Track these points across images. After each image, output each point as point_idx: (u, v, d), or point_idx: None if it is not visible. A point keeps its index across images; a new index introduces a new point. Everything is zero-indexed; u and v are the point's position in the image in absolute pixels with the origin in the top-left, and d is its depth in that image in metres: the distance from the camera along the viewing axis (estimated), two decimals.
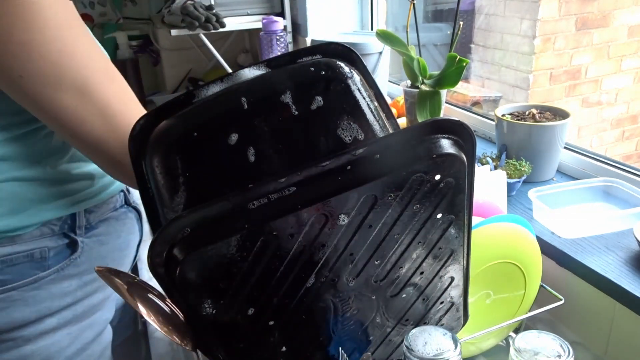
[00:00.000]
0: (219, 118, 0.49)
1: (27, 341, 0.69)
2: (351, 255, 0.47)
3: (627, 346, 0.73)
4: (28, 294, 0.68)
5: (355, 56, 0.55)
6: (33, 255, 0.67)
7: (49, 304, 0.70)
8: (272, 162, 0.47)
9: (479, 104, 2.12)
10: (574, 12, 2.09)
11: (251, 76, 0.53)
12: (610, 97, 2.31)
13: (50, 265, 0.69)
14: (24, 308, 0.68)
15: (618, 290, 0.69)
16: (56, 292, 0.70)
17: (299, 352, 0.53)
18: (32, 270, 0.67)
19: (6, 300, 0.66)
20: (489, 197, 0.76)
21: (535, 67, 2.12)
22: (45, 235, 0.68)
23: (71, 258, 0.71)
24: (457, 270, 0.55)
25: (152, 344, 0.80)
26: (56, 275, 0.70)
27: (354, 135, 0.48)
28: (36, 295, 0.68)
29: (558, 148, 0.96)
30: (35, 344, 0.70)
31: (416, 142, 0.43)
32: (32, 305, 0.68)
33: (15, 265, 0.66)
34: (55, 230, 0.69)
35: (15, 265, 0.66)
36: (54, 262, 0.69)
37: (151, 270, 0.43)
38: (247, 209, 0.41)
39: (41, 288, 0.69)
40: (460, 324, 0.63)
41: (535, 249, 0.71)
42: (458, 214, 0.49)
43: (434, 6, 2.39)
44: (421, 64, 0.97)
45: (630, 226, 0.79)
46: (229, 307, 0.46)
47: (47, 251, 0.68)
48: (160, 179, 0.50)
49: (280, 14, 1.83)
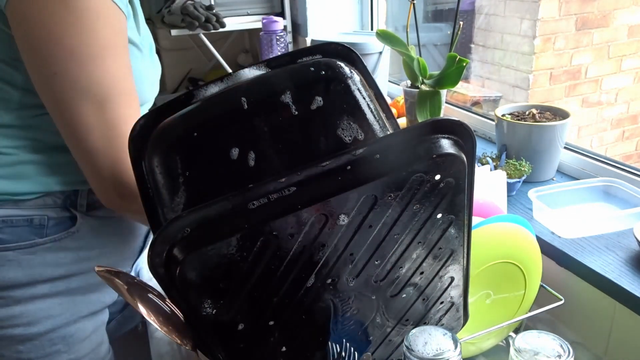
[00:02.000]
0: (219, 118, 0.49)
1: (16, 302, 0.72)
2: (351, 255, 0.47)
3: (627, 346, 0.73)
4: (22, 257, 0.71)
5: (355, 56, 0.55)
6: (32, 220, 0.71)
7: (42, 271, 0.73)
8: (272, 162, 0.47)
9: (479, 104, 2.12)
10: (574, 12, 2.09)
11: (251, 76, 0.53)
12: (610, 97, 2.31)
13: (48, 233, 0.72)
14: (17, 269, 0.71)
15: (618, 290, 0.69)
16: (50, 261, 0.73)
17: (299, 352, 0.53)
18: (30, 235, 0.71)
19: (2, 258, 0.70)
20: (489, 197, 0.76)
21: (535, 67, 2.12)
22: (48, 205, 0.72)
23: (69, 231, 0.74)
24: (457, 270, 0.55)
25: (152, 344, 0.80)
26: (52, 245, 0.73)
27: (354, 135, 0.48)
28: (30, 260, 0.71)
29: (558, 148, 0.96)
30: (24, 305, 0.73)
31: (416, 142, 0.43)
32: (26, 268, 0.71)
33: (15, 227, 0.70)
34: (58, 203, 0.73)
35: (14, 227, 0.70)
36: (52, 231, 0.72)
37: (151, 270, 0.43)
38: (247, 209, 0.41)
39: (36, 254, 0.72)
40: (460, 324, 0.63)
41: (535, 249, 0.71)
42: (458, 214, 0.49)
43: (434, 6, 2.39)
44: (421, 64, 0.97)
45: (630, 226, 0.79)
46: (229, 307, 0.46)
47: (47, 220, 0.72)
48: (160, 179, 0.50)
49: (280, 14, 1.83)
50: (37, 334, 0.74)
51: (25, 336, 0.74)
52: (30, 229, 0.71)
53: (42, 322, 0.74)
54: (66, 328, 0.77)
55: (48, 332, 0.75)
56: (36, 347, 0.75)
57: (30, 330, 0.74)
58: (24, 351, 0.74)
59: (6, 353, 0.74)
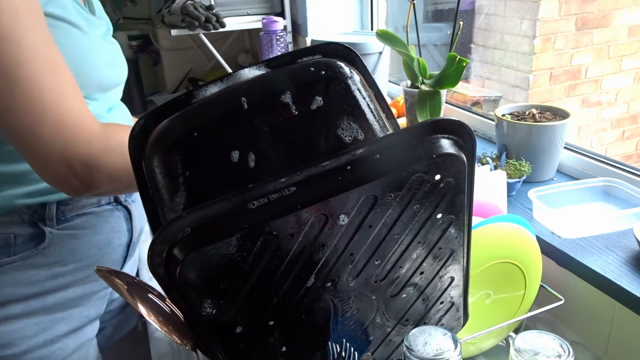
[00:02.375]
0: (219, 118, 0.49)
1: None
2: (351, 255, 0.47)
3: (627, 346, 0.73)
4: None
5: (355, 56, 0.55)
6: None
7: (12, 290, 0.70)
8: (272, 162, 0.47)
9: (479, 104, 2.12)
10: (574, 12, 2.09)
11: (251, 76, 0.53)
12: (610, 97, 2.31)
13: (16, 251, 0.69)
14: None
15: (618, 290, 0.69)
16: (21, 280, 0.70)
17: (299, 352, 0.53)
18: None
19: None
20: (489, 197, 0.76)
21: (535, 67, 2.12)
22: (14, 222, 0.68)
23: (38, 248, 0.70)
24: (457, 270, 0.55)
25: (152, 344, 0.80)
26: (22, 263, 0.69)
27: (354, 135, 0.48)
28: (0, 280, 0.68)
29: (558, 148, 0.96)
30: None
31: (416, 142, 0.43)
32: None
33: None
34: (25, 219, 0.69)
35: None
36: (21, 249, 0.69)
37: (151, 270, 0.43)
38: (247, 209, 0.41)
39: (5, 273, 0.69)
40: (460, 324, 0.63)
41: (535, 249, 0.71)
42: (458, 214, 0.49)
43: (434, 6, 2.39)
44: (421, 64, 0.97)
45: (630, 226, 0.79)
46: (229, 307, 0.46)
47: (14, 238, 0.69)
48: (160, 179, 0.50)
49: (280, 14, 1.83)
50: (12, 356, 0.71)
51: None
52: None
53: (17, 343, 0.71)
54: (44, 349, 0.73)
55: (24, 353, 0.72)
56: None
57: (5, 352, 0.71)
58: None
59: None
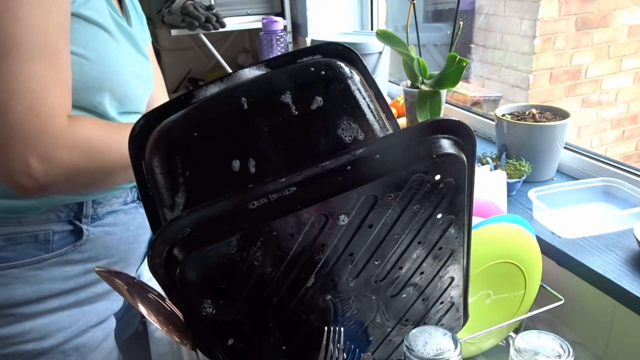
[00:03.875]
0: (219, 118, 0.49)
1: (27, 317, 0.72)
2: (351, 255, 0.47)
3: (627, 346, 0.73)
4: (29, 273, 0.70)
5: (355, 56, 0.55)
6: (37, 236, 0.70)
7: (50, 286, 0.72)
8: (272, 162, 0.47)
9: (479, 104, 2.12)
10: (574, 12, 2.09)
11: (251, 76, 0.53)
12: (610, 97, 2.31)
13: (54, 248, 0.71)
14: (24, 286, 0.70)
15: (618, 290, 0.69)
16: (58, 275, 0.72)
17: (299, 352, 0.53)
18: (36, 250, 0.70)
19: (7, 276, 0.69)
20: (489, 197, 0.76)
21: (535, 67, 2.11)
22: (52, 220, 0.71)
23: (75, 244, 0.73)
24: (457, 270, 0.55)
25: (152, 344, 0.80)
26: (59, 259, 0.72)
27: (354, 135, 0.48)
28: (37, 275, 0.71)
29: (558, 148, 0.96)
30: (34, 321, 0.72)
31: (416, 142, 0.43)
32: (34, 284, 0.71)
33: (19, 244, 0.69)
34: (62, 217, 0.72)
35: (19, 244, 0.69)
36: (58, 245, 0.72)
37: (151, 270, 0.43)
38: (247, 209, 0.41)
39: (43, 269, 0.71)
40: (460, 324, 0.63)
41: (535, 249, 0.71)
42: (458, 214, 0.49)
43: (434, 6, 2.39)
44: (421, 64, 0.97)
45: (630, 226, 0.79)
46: (229, 307, 0.46)
47: (52, 234, 0.71)
48: (160, 179, 0.50)
49: (280, 14, 1.83)
50: (50, 348, 0.74)
51: (37, 351, 0.73)
52: (35, 245, 0.70)
53: (54, 335, 0.74)
54: (78, 338, 0.76)
55: (60, 344, 0.75)
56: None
57: (42, 344, 0.73)
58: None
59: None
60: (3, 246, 0.69)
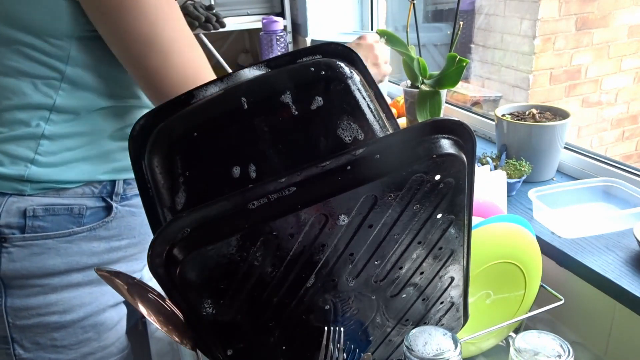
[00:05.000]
0: (219, 118, 0.49)
1: (53, 290, 0.75)
2: (351, 255, 0.47)
3: (627, 346, 0.73)
4: (61, 245, 0.73)
5: (355, 56, 0.55)
6: (72, 209, 0.73)
7: (78, 259, 0.75)
8: (272, 162, 0.47)
9: (479, 104, 2.12)
10: (574, 12, 2.09)
11: (251, 76, 0.53)
12: (610, 97, 2.31)
13: (85, 222, 0.74)
14: (56, 257, 0.73)
15: (618, 290, 0.69)
16: (86, 250, 0.75)
17: (299, 352, 0.53)
18: (69, 223, 0.73)
19: (43, 246, 0.72)
20: (489, 197, 0.76)
21: (535, 67, 2.11)
22: (87, 195, 0.74)
23: (104, 220, 0.76)
24: (457, 270, 0.55)
25: (152, 344, 0.80)
26: (88, 234, 0.75)
27: (354, 135, 0.48)
28: (68, 248, 0.74)
29: (558, 148, 0.96)
30: (59, 294, 0.75)
31: (416, 142, 0.43)
32: (64, 256, 0.74)
33: (56, 215, 0.72)
34: (95, 193, 0.75)
35: (55, 215, 0.72)
36: (89, 220, 0.75)
37: (151, 270, 0.43)
38: (247, 209, 0.41)
39: (73, 242, 0.74)
40: (460, 324, 0.63)
41: (535, 249, 0.71)
42: (458, 214, 0.49)
43: (434, 6, 2.39)
44: (421, 64, 0.97)
45: (630, 226, 0.79)
46: (229, 307, 0.46)
47: (85, 209, 0.74)
48: (160, 179, 0.50)
49: (280, 14, 1.83)
50: (71, 322, 0.76)
51: (60, 323, 0.76)
52: (69, 218, 0.73)
53: (76, 310, 0.76)
54: (97, 316, 0.79)
55: (81, 319, 0.77)
56: (70, 334, 0.77)
57: (65, 317, 0.76)
58: (58, 338, 0.76)
59: (41, 340, 0.76)
60: (42, 216, 0.72)
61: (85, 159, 0.73)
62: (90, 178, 0.74)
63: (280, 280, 0.46)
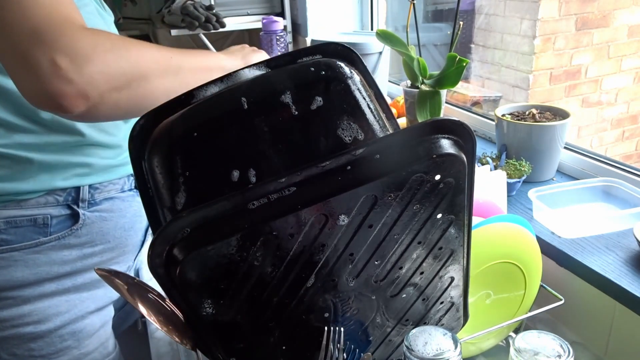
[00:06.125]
0: (219, 118, 0.49)
1: (25, 301, 0.74)
2: (351, 255, 0.47)
3: (627, 346, 0.73)
4: (29, 257, 0.72)
5: (355, 56, 0.55)
6: (36, 220, 0.72)
7: (48, 269, 0.74)
8: (272, 162, 0.47)
9: (479, 104, 2.12)
10: (574, 12, 2.09)
11: (251, 76, 0.53)
12: (610, 97, 2.31)
13: (52, 232, 0.73)
14: (23, 269, 0.72)
15: (618, 290, 0.69)
16: (56, 259, 0.74)
17: (299, 352, 0.53)
18: (34, 234, 0.72)
19: (8, 259, 0.71)
20: (489, 197, 0.76)
21: (535, 67, 2.11)
22: (50, 203, 0.73)
23: (72, 228, 0.75)
24: (457, 270, 0.55)
25: (152, 344, 0.80)
26: (57, 243, 0.74)
27: (354, 135, 0.48)
28: (36, 259, 0.73)
29: (558, 148, 0.96)
30: (33, 304, 0.74)
31: (416, 142, 0.43)
32: (32, 267, 0.73)
33: (19, 227, 0.71)
34: (60, 201, 0.73)
35: (18, 227, 0.71)
36: (56, 229, 0.74)
37: (151, 270, 0.43)
38: (247, 209, 0.41)
39: (42, 252, 0.73)
40: (460, 324, 0.63)
41: (535, 249, 0.71)
42: (458, 214, 0.49)
43: (434, 6, 2.39)
44: (421, 64, 0.97)
45: (630, 226, 0.79)
46: (229, 307, 0.46)
47: (50, 218, 0.73)
48: (160, 179, 0.50)
49: (280, 14, 1.83)
50: (47, 331, 0.76)
51: (36, 334, 0.75)
52: (34, 229, 0.72)
53: (52, 319, 0.76)
54: (75, 324, 0.78)
55: (58, 328, 0.76)
56: (47, 344, 0.76)
57: (41, 327, 0.75)
58: (35, 349, 0.76)
59: (18, 352, 0.75)
60: (4, 229, 0.71)
61: (40, 169, 0.71)
62: (49, 187, 0.72)
63: (280, 280, 0.46)
